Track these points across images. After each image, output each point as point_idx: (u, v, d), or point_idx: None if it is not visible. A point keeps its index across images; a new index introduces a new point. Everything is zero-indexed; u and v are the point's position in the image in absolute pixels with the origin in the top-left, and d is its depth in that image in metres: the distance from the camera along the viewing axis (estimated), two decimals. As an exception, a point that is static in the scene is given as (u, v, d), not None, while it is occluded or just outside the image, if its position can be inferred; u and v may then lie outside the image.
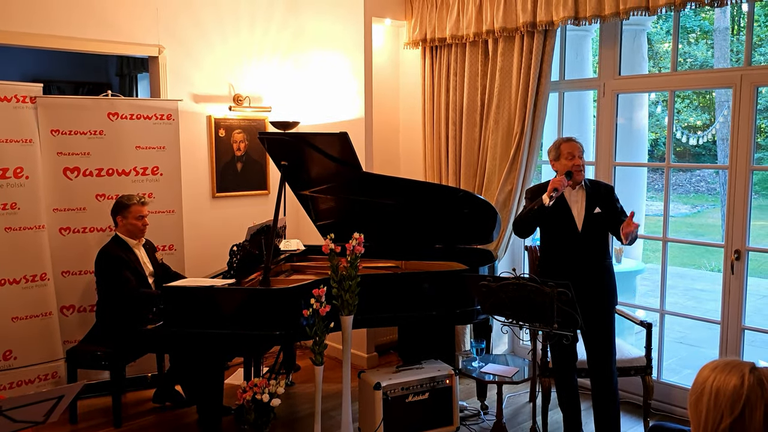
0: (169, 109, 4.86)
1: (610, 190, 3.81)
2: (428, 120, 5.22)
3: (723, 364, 1.45)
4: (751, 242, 3.94)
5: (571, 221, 3.70)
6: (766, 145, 12.83)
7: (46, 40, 4.51)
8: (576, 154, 3.68)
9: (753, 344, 5.70)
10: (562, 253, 3.76)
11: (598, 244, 3.74)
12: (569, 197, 3.73)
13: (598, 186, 3.81)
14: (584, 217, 3.69)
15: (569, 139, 3.75)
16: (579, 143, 3.73)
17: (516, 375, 3.96)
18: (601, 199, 3.72)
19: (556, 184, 3.58)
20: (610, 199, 3.74)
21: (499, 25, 4.58)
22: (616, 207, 3.74)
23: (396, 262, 4.65)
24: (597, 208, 3.69)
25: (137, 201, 4.30)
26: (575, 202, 3.73)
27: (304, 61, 5.65)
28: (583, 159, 3.71)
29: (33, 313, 4.39)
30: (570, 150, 3.70)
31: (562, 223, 3.73)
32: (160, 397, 4.55)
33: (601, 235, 3.75)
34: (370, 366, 5.20)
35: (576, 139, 3.76)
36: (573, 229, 3.70)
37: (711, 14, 12.11)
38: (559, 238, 3.78)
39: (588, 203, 3.71)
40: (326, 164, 4.20)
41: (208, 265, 4.76)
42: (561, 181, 3.59)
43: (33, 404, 2.30)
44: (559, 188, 3.57)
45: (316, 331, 3.54)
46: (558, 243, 3.79)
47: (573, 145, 3.70)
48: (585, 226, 3.69)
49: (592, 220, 3.69)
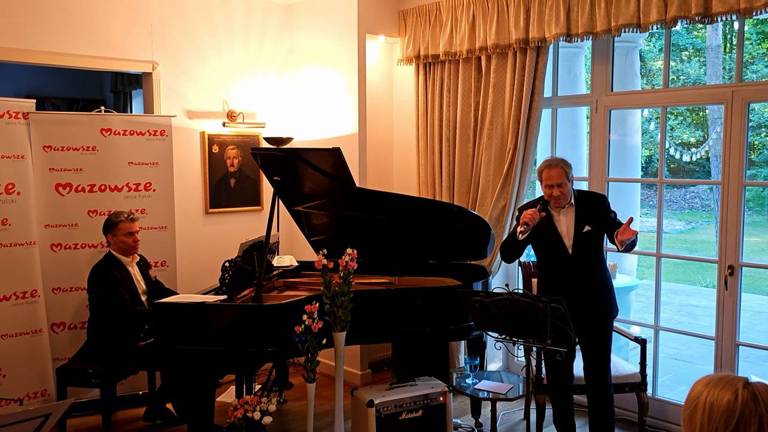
0: (163, 125, 4.85)
1: (601, 200, 3.74)
2: (422, 136, 5.23)
3: (716, 379, 1.44)
4: (744, 258, 3.94)
5: (561, 243, 3.65)
6: (759, 161, 12.90)
7: (40, 57, 4.51)
8: (554, 183, 3.58)
9: (747, 360, 5.68)
10: (556, 274, 3.72)
11: (592, 262, 3.69)
12: (557, 218, 3.68)
13: (589, 198, 3.74)
14: (574, 237, 3.63)
15: (550, 165, 3.63)
16: (562, 168, 3.60)
17: (510, 392, 3.93)
18: (593, 211, 3.66)
19: (526, 218, 3.50)
20: (602, 208, 3.68)
21: (492, 41, 4.60)
22: (609, 215, 3.67)
23: (389, 278, 4.63)
24: (587, 226, 3.62)
25: (125, 218, 4.26)
26: (563, 221, 3.67)
27: (298, 78, 5.67)
28: (565, 184, 3.60)
29: (23, 331, 4.35)
30: (547, 179, 3.60)
31: (552, 245, 3.68)
32: (150, 415, 4.50)
33: (594, 253, 3.69)
34: (363, 383, 5.16)
35: (558, 164, 3.62)
36: (563, 251, 3.65)
37: (703, 32, 12.22)
38: (551, 259, 3.74)
39: (577, 221, 3.64)
40: (320, 180, 4.20)
41: (201, 282, 4.73)
42: (532, 215, 3.51)
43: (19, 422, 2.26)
44: (530, 223, 3.49)
45: (309, 347, 3.52)
46: (551, 264, 3.75)
47: (552, 173, 3.59)
48: (575, 247, 3.63)
49: (582, 240, 3.63)
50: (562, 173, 3.60)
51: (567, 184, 3.63)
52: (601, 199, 3.76)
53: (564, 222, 3.67)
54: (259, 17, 5.53)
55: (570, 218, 3.67)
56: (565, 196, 3.64)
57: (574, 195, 3.71)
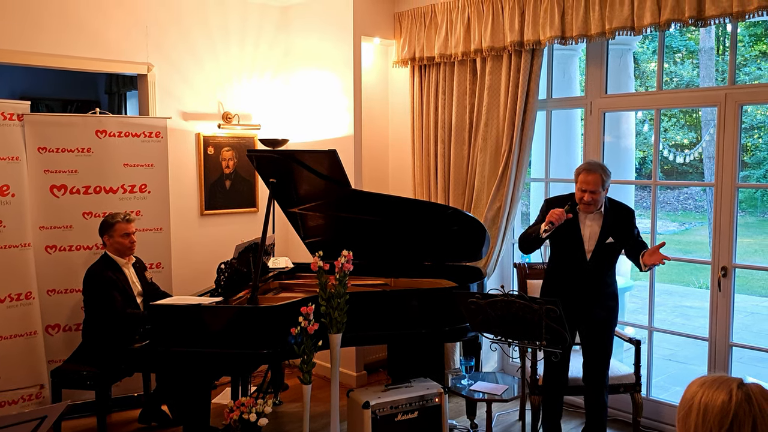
0: (158, 127, 4.85)
1: (630, 214, 3.70)
2: (417, 138, 5.24)
3: (711, 380, 1.45)
4: (737, 259, 3.97)
5: (581, 248, 3.62)
6: (751, 163, 12.97)
7: (34, 58, 4.50)
8: (588, 189, 3.52)
9: (741, 361, 5.71)
10: (568, 277, 3.70)
11: (605, 272, 3.67)
12: (583, 222, 3.62)
13: (619, 209, 3.69)
14: (595, 245, 3.59)
15: (588, 169, 3.55)
16: (600, 174, 3.51)
17: (505, 393, 3.94)
18: (619, 224, 3.61)
19: (553, 217, 3.47)
20: (629, 223, 3.64)
21: (487, 44, 4.62)
22: (633, 231, 3.65)
23: (385, 279, 4.64)
24: (610, 238, 3.57)
25: (122, 219, 4.26)
26: (588, 227, 3.62)
27: (294, 79, 5.67)
28: (599, 192, 3.54)
29: (17, 333, 4.33)
30: (583, 183, 3.55)
31: (571, 249, 3.65)
32: (146, 417, 4.49)
33: (609, 263, 3.66)
34: (359, 384, 5.16)
35: (597, 170, 3.53)
36: (581, 257, 3.62)
37: (696, 35, 12.29)
38: (566, 262, 3.71)
39: (602, 231, 3.59)
40: (315, 182, 4.20)
41: (196, 283, 4.72)
42: (560, 215, 3.48)
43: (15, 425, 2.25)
44: (555, 222, 3.47)
45: (305, 349, 3.52)
46: (564, 268, 3.73)
47: (588, 178, 3.52)
48: (594, 256, 3.60)
49: (603, 250, 3.59)
50: (598, 180, 3.53)
51: (601, 192, 3.57)
52: (630, 214, 3.71)
53: (589, 228, 3.63)
54: (255, 19, 5.53)
55: (596, 226, 3.63)
56: (596, 204, 3.59)
57: (605, 204, 3.66)
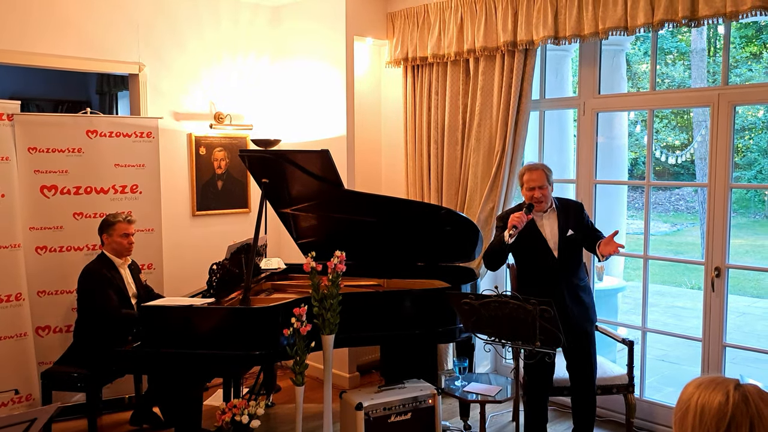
0: (149, 127, 4.81)
1: (579, 208, 3.78)
2: (410, 138, 5.23)
3: (708, 381, 1.44)
4: (730, 260, 3.97)
5: (546, 247, 3.67)
6: (742, 164, 13.03)
7: (25, 58, 4.46)
8: (536, 185, 3.62)
9: (734, 361, 5.72)
10: (540, 279, 3.72)
11: (576, 266, 3.72)
12: (540, 223, 3.70)
13: (568, 204, 3.79)
14: (559, 240, 3.65)
15: (531, 168, 3.69)
16: (542, 170, 3.66)
17: (499, 394, 3.93)
18: (573, 216, 3.70)
19: (514, 221, 3.51)
20: (580, 217, 3.73)
21: (480, 44, 4.61)
22: (587, 224, 3.73)
23: (378, 280, 4.62)
24: (570, 230, 3.65)
25: (123, 219, 4.25)
26: (547, 225, 3.69)
27: (286, 80, 5.65)
28: (546, 187, 3.65)
29: (7, 334, 4.29)
30: (530, 181, 3.64)
31: (537, 250, 3.69)
32: (137, 419, 4.46)
33: (577, 257, 3.73)
34: (352, 386, 5.15)
35: (539, 167, 3.69)
36: (549, 256, 3.66)
37: (688, 36, 12.33)
38: (535, 265, 3.74)
39: (561, 225, 3.67)
40: (308, 182, 4.18)
41: (188, 284, 4.69)
42: (520, 217, 3.52)
43: (4, 427, 2.23)
44: (518, 225, 3.50)
45: (297, 350, 3.50)
46: (535, 269, 3.75)
47: (533, 176, 3.64)
48: (561, 250, 3.66)
49: (567, 244, 3.66)
50: (543, 176, 3.66)
51: (548, 187, 3.68)
52: (580, 206, 3.81)
53: (548, 226, 3.70)
54: (247, 18, 5.51)
55: (553, 223, 3.69)
56: (546, 199, 3.68)
57: (554, 202, 3.75)
